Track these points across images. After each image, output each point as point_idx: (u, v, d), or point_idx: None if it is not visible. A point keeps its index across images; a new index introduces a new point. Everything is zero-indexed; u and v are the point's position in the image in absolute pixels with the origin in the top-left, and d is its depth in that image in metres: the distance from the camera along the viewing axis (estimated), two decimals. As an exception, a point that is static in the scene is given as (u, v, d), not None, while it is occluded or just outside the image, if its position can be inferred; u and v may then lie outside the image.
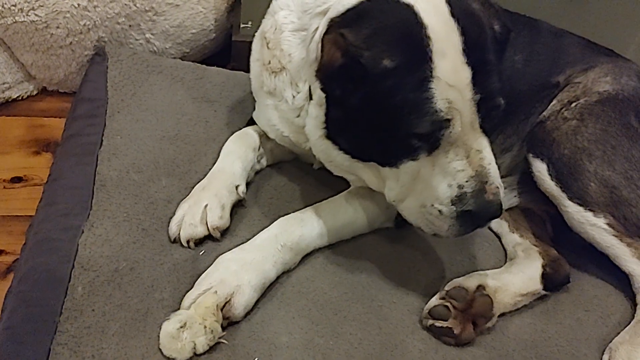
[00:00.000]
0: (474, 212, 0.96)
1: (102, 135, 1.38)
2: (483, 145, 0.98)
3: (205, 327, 0.99)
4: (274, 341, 1.04)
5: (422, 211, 1.01)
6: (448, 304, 1.08)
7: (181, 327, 0.99)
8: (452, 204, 0.97)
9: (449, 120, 0.93)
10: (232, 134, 1.37)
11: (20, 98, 1.72)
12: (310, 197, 1.32)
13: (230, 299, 1.04)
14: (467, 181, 0.95)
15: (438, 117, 0.92)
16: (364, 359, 1.04)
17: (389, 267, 1.21)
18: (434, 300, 1.11)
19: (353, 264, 1.20)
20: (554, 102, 1.34)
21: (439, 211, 0.98)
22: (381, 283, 1.18)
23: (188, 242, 1.17)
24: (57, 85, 1.76)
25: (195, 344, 0.98)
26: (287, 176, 1.40)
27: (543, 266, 1.21)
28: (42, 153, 1.58)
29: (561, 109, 1.29)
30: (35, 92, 1.75)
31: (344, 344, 1.05)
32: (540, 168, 1.25)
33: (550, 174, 1.24)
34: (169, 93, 1.55)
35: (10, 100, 1.70)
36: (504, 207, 1.00)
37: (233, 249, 1.13)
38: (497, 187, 0.97)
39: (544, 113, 1.32)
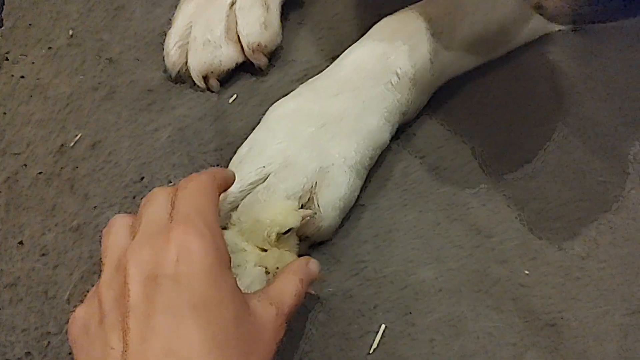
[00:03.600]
0: None
1: None
2: None
3: (264, 262, 0.45)
4: (408, 280, 0.49)
5: None
6: None
7: None
8: None
9: None
10: None
11: None
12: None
13: (311, 196, 0.48)
14: None
15: None
16: (592, 306, 0.50)
17: (605, 124, 0.62)
18: None
19: (540, 109, 0.61)
20: None
21: None
22: (596, 156, 0.60)
23: (205, 78, 0.58)
24: None
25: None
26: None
27: None
28: None
29: None
30: None
31: (554, 276, 0.51)
32: None
33: None
34: None
35: None
36: None
37: (297, 90, 0.54)
38: None
39: None
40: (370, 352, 0.45)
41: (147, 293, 0.35)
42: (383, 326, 0.46)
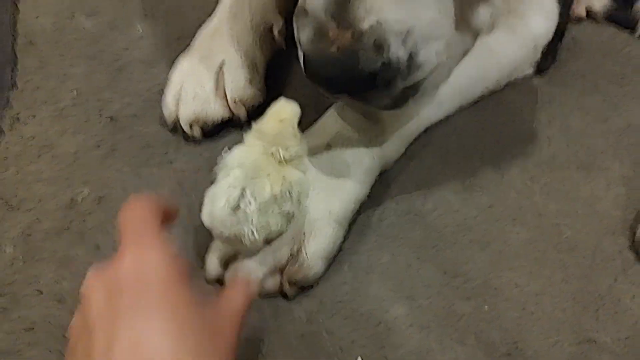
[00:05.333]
0: (305, 55, 0.50)
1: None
2: None
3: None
4: (382, 317, 0.55)
5: None
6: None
7: None
8: (295, 18, 0.52)
9: None
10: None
11: None
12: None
13: (299, 248, 0.55)
14: None
15: None
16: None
17: (561, 169, 0.68)
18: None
19: (498, 149, 0.68)
20: None
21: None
22: (552, 199, 0.66)
23: (192, 124, 0.65)
24: None
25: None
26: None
27: None
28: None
29: None
30: None
31: (513, 308, 0.57)
32: None
33: None
34: None
35: None
36: (384, 97, 0.52)
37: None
38: (353, 43, 0.47)
39: None
40: (349, 384, 0.51)
41: (110, 302, 0.38)
42: (359, 359, 0.52)
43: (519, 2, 0.68)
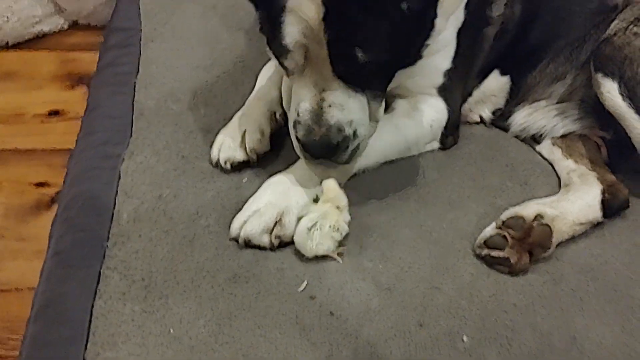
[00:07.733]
0: (301, 142, 1.01)
1: (138, 64, 1.34)
2: (331, 87, 0.98)
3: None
4: (322, 265, 1.02)
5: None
6: (505, 233, 1.04)
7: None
8: (294, 125, 1.01)
9: (289, 51, 0.95)
10: (266, 63, 1.32)
11: (51, 32, 1.70)
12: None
13: (280, 219, 1.03)
14: (303, 111, 0.99)
15: (282, 46, 0.95)
16: (413, 282, 1.01)
17: (437, 193, 1.17)
18: (490, 230, 1.06)
19: (400, 188, 1.16)
20: (616, 21, 1.25)
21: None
22: (429, 208, 1.14)
23: (226, 162, 1.15)
24: (88, 18, 1.73)
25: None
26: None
27: (602, 192, 1.14)
28: (76, 87, 1.56)
29: (629, 25, 1.19)
30: (66, 26, 1.72)
31: (393, 268, 1.03)
32: (610, 88, 1.16)
33: (621, 94, 1.15)
34: (202, 21, 1.50)
35: (41, 35, 1.68)
36: (344, 156, 1.03)
37: (278, 174, 1.10)
38: (327, 132, 0.98)
39: (608, 32, 1.23)
40: (298, 292, 0.97)
41: None
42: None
43: (419, 102, 1.19)
